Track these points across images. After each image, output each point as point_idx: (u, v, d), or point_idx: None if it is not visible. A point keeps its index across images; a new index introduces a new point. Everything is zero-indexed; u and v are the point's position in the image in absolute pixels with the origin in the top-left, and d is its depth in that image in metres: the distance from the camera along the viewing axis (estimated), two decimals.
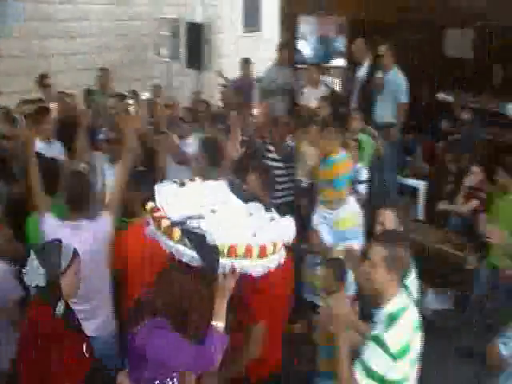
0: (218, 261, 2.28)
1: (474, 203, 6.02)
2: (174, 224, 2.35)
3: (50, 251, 2.84)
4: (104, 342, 3.56)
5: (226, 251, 2.26)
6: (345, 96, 8.03)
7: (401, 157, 7.41)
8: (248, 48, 12.44)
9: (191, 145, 5.36)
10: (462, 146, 6.83)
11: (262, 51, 11.63)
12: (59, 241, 2.91)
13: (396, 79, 6.92)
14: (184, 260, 2.34)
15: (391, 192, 7.16)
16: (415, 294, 3.10)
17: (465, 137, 6.97)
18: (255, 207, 2.58)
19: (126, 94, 7.18)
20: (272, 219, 2.52)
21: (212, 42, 9.56)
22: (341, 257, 4.06)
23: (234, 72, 9.24)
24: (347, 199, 4.66)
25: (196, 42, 9.17)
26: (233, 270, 2.32)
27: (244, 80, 8.84)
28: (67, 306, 2.91)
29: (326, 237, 4.48)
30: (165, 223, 2.37)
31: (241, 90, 8.37)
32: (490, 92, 7.70)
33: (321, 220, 4.59)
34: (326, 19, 16.06)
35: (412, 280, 3.10)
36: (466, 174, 6.16)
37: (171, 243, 2.35)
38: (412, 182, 7.20)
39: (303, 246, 4.55)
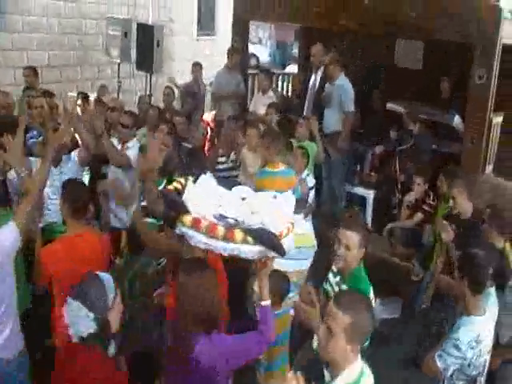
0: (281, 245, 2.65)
1: (419, 217, 6.06)
2: (229, 227, 2.63)
3: (95, 292, 2.60)
4: (7, 364, 3.26)
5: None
6: (296, 103, 8.00)
7: (350, 166, 7.40)
8: (203, 52, 12.33)
9: (132, 148, 5.19)
10: (411, 157, 6.88)
11: (217, 55, 11.51)
12: (95, 275, 2.70)
13: (342, 88, 6.88)
14: (247, 257, 2.67)
15: (339, 201, 7.15)
16: None
17: (413, 147, 7.01)
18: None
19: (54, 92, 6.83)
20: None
21: (165, 45, 9.37)
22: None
23: (187, 76, 9.11)
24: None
25: (147, 44, 8.96)
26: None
27: (195, 84, 8.70)
28: None
29: None
30: (220, 230, 2.63)
31: (191, 94, 8.25)
32: (439, 104, 7.80)
33: None
34: (283, 25, 16.17)
35: None
36: (411, 186, 6.19)
37: (233, 245, 2.61)
38: (361, 191, 7.19)
39: None
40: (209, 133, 7.72)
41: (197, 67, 8.96)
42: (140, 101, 7.77)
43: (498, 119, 6.18)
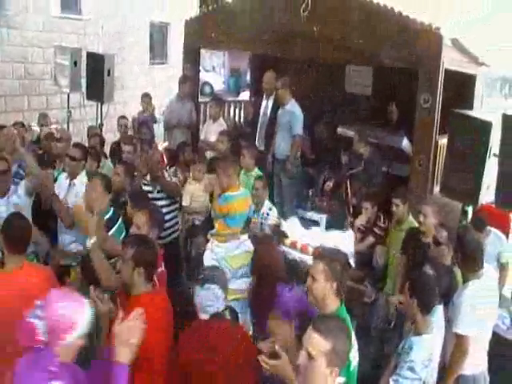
0: None
1: (370, 240, 6.12)
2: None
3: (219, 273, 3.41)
4: None
5: None
6: (248, 130, 8.03)
7: (302, 191, 7.44)
8: (155, 80, 12.30)
9: (78, 185, 5.10)
10: (362, 180, 6.98)
11: (171, 83, 11.49)
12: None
13: (291, 112, 6.99)
14: None
15: None
16: None
17: (364, 171, 7.11)
18: None
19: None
20: None
21: (116, 73, 9.29)
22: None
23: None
24: (241, 237, 4.57)
25: (98, 73, 8.85)
26: None
27: (147, 114, 8.67)
28: None
29: None
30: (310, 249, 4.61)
31: (145, 124, 8.20)
32: (388, 127, 7.97)
33: (212, 256, 4.45)
34: (237, 52, 16.34)
35: None
36: (360, 210, 6.26)
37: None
38: (313, 215, 7.21)
39: None
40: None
41: (146, 98, 8.94)
42: (90, 131, 7.66)
43: (443, 141, 6.35)
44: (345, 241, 4.90)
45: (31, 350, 2.52)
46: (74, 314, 2.47)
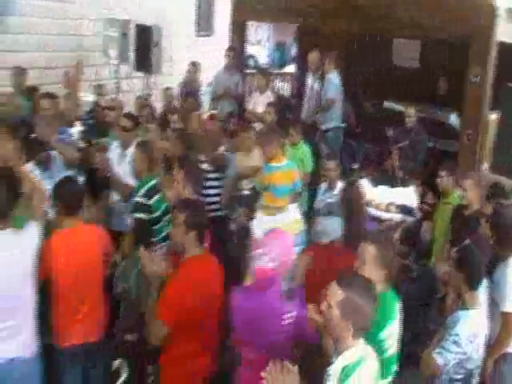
0: None
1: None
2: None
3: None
4: (25, 363, 3.33)
5: None
6: (294, 102, 8.08)
7: (344, 163, 7.47)
8: (201, 52, 12.35)
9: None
10: (408, 154, 6.93)
11: (215, 56, 11.53)
12: None
13: (329, 81, 7.20)
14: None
15: None
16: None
17: (410, 145, 7.07)
18: None
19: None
20: None
21: (163, 46, 9.39)
22: None
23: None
24: (289, 206, 4.61)
25: (145, 45, 8.98)
26: None
27: (192, 83, 8.75)
28: None
29: None
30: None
31: (191, 93, 8.30)
32: (435, 102, 7.85)
33: (259, 226, 4.49)
34: (283, 26, 16.20)
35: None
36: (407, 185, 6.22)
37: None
38: None
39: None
40: None
41: (194, 66, 9.00)
42: (139, 102, 7.80)
43: (493, 116, 6.23)
44: (410, 195, 5.26)
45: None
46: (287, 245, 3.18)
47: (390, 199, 5.23)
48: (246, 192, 5.32)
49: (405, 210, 5.58)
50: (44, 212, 3.64)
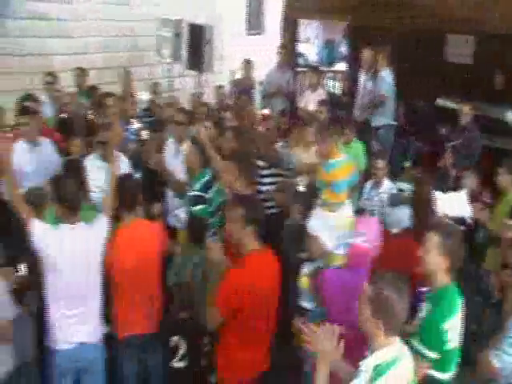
0: None
1: (477, 206, 5.92)
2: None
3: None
4: (93, 348, 3.56)
5: None
6: (345, 100, 8.08)
7: (395, 160, 7.42)
8: (251, 50, 12.43)
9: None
10: (462, 153, 6.82)
11: (266, 54, 11.61)
12: None
13: (382, 78, 7.22)
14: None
15: None
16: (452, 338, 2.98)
17: (465, 143, 6.97)
18: None
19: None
20: None
21: (214, 44, 9.54)
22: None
23: (237, 74, 9.27)
24: (346, 202, 4.63)
25: (197, 44, 9.14)
26: None
27: (245, 81, 8.85)
28: None
29: (328, 241, 4.39)
30: None
31: (245, 90, 8.39)
32: (491, 98, 7.70)
33: (319, 223, 4.49)
34: (331, 24, 16.14)
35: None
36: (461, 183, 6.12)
37: None
38: (407, 186, 7.14)
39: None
40: None
41: (247, 64, 9.09)
42: (194, 101, 7.95)
43: None
44: (462, 201, 5.16)
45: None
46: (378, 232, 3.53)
47: (443, 210, 5.00)
48: (302, 188, 5.36)
49: (458, 221, 5.45)
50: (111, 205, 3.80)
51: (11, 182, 3.43)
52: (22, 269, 3.90)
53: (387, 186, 5.56)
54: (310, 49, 17.80)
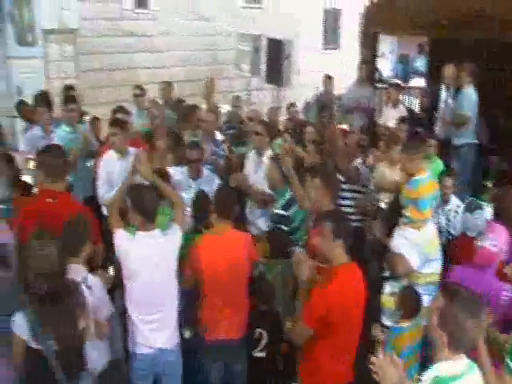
0: None
1: None
2: None
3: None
4: (171, 353, 3.72)
5: None
6: (424, 117, 7.97)
7: (477, 180, 7.24)
8: (327, 65, 12.51)
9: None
10: None
11: (341, 69, 11.65)
12: None
13: (466, 96, 7.04)
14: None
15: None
16: None
17: None
18: None
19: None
20: None
21: (292, 59, 9.67)
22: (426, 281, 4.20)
23: (311, 89, 9.37)
24: (430, 220, 4.58)
25: (276, 58, 9.30)
26: None
27: (326, 96, 8.91)
28: None
29: (412, 259, 4.34)
30: None
31: (325, 105, 8.44)
32: None
33: (404, 241, 4.47)
34: (406, 38, 15.95)
35: None
36: None
37: None
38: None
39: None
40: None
41: (328, 79, 9.15)
42: (270, 112, 8.08)
43: None
44: None
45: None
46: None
47: None
48: (384, 205, 5.34)
49: None
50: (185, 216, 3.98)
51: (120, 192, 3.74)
52: (111, 271, 4.14)
53: (454, 203, 5.48)
54: (384, 64, 17.68)
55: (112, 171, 5.15)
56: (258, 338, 4.03)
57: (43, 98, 6.70)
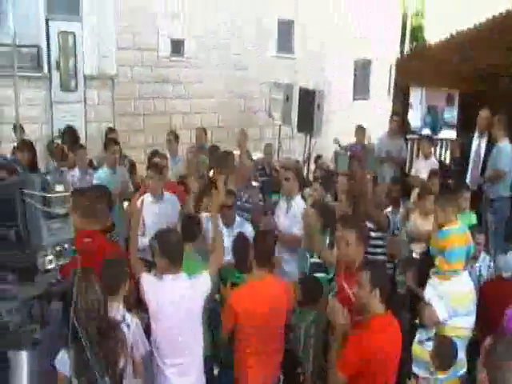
0: None
1: None
2: None
3: None
4: None
5: None
6: (455, 169, 7.97)
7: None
8: (356, 115, 12.69)
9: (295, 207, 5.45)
10: None
11: (372, 119, 11.79)
12: None
13: (502, 149, 6.95)
14: None
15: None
16: None
17: None
18: None
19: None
20: None
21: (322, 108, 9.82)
22: (452, 335, 4.08)
23: (342, 138, 9.50)
24: (462, 272, 4.55)
25: (308, 108, 9.42)
26: None
27: (358, 146, 9.00)
28: None
29: (439, 310, 4.34)
30: None
31: (355, 156, 8.52)
32: None
33: (433, 292, 4.46)
34: (435, 90, 16.08)
35: None
36: None
37: None
38: None
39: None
40: None
41: (360, 129, 9.25)
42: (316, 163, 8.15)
43: None
44: None
45: None
46: None
47: None
48: (415, 255, 5.33)
49: None
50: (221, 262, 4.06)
51: (135, 239, 3.85)
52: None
53: (484, 258, 5.45)
54: (413, 114, 17.78)
55: (146, 215, 5.24)
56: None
57: (69, 134, 6.89)
